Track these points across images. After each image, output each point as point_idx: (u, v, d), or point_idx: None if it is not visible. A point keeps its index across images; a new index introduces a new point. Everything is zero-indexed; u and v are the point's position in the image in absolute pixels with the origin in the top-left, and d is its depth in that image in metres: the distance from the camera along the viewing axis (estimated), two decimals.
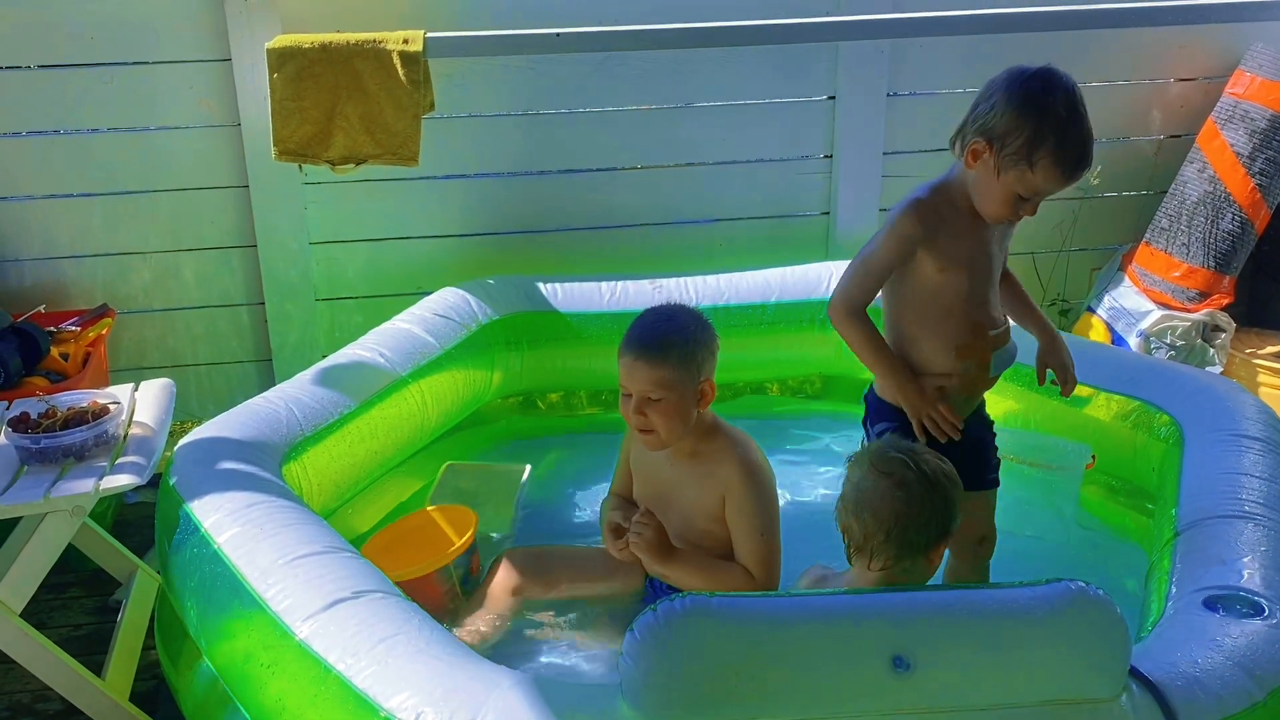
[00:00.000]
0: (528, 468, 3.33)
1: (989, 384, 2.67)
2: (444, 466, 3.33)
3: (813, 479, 3.41)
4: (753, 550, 2.63)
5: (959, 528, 2.35)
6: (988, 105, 2.49)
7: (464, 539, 2.81)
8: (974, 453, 2.63)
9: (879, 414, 2.65)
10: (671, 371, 2.59)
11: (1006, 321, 2.68)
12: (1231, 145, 4.02)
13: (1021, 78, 2.49)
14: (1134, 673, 1.95)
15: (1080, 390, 3.14)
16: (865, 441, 2.64)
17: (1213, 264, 4.07)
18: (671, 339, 2.62)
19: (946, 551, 2.38)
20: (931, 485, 2.25)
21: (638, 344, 2.63)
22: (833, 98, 4.07)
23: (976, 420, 2.71)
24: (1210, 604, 2.20)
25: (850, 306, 2.59)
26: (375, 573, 2.32)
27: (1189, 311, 4.07)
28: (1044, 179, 2.46)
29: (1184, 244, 4.10)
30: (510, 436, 3.77)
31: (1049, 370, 2.76)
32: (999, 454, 2.76)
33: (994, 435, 2.77)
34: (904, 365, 2.59)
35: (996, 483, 2.74)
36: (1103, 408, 3.13)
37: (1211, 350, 4.05)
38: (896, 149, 4.16)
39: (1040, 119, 2.44)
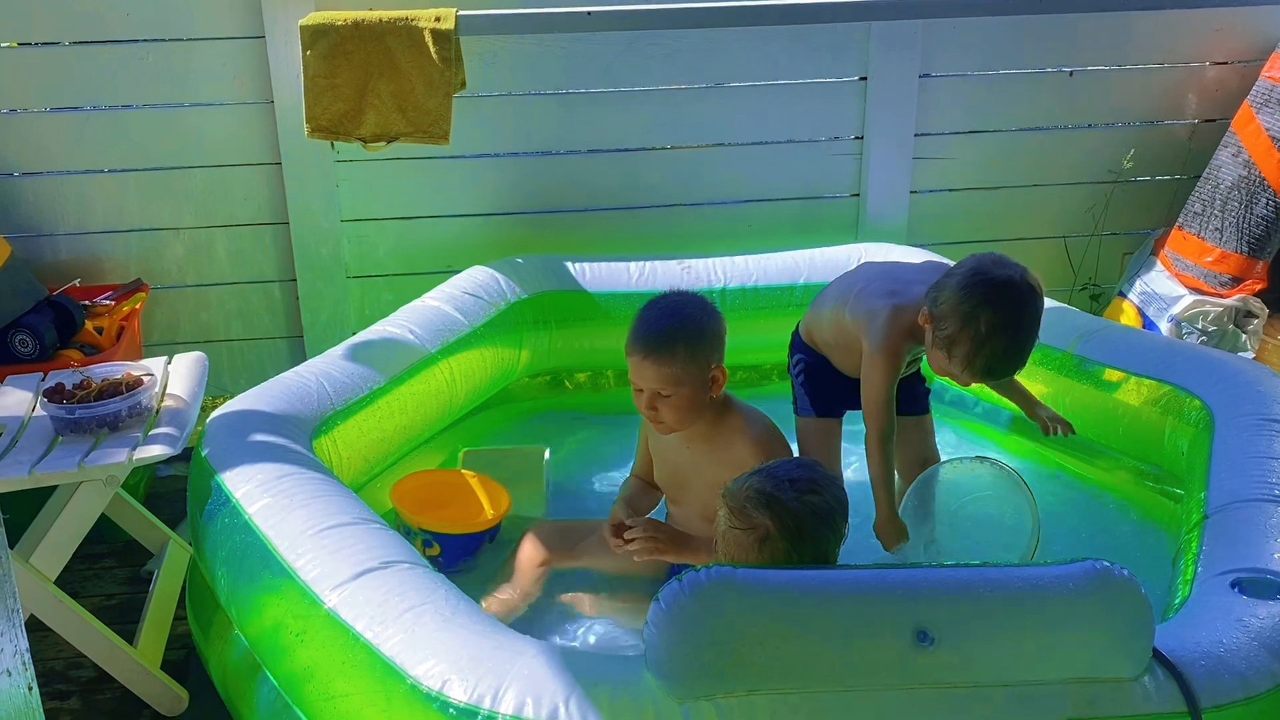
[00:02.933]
0: (546, 450, 3.33)
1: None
2: (461, 453, 3.32)
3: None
4: None
5: (903, 450, 2.77)
6: (946, 282, 2.62)
7: (499, 512, 2.90)
8: (904, 388, 2.87)
9: (798, 349, 3.04)
10: (680, 367, 2.59)
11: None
12: (1267, 129, 3.98)
13: (980, 275, 2.59)
14: (1157, 654, 1.95)
15: (1111, 374, 3.17)
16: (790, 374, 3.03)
17: (1246, 249, 4.04)
18: (677, 334, 2.60)
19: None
20: (798, 537, 2.12)
21: (643, 342, 2.61)
22: (864, 78, 4.06)
23: (914, 378, 2.99)
24: (1237, 586, 2.19)
25: (883, 434, 2.76)
26: (403, 544, 2.34)
27: (1221, 297, 4.04)
28: (958, 371, 2.63)
29: (1217, 229, 4.07)
30: (537, 415, 3.78)
31: (1045, 420, 2.91)
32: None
33: (920, 374, 3.04)
34: (894, 506, 2.79)
35: (926, 409, 3.05)
36: (1133, 392, 3.12)
37: (1243, 336, 4.02)
38: (928, 131, 4.14)
39: (966, 322, 2.56)
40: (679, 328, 2.61)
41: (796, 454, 2.80)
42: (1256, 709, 1.94)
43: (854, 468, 3.07)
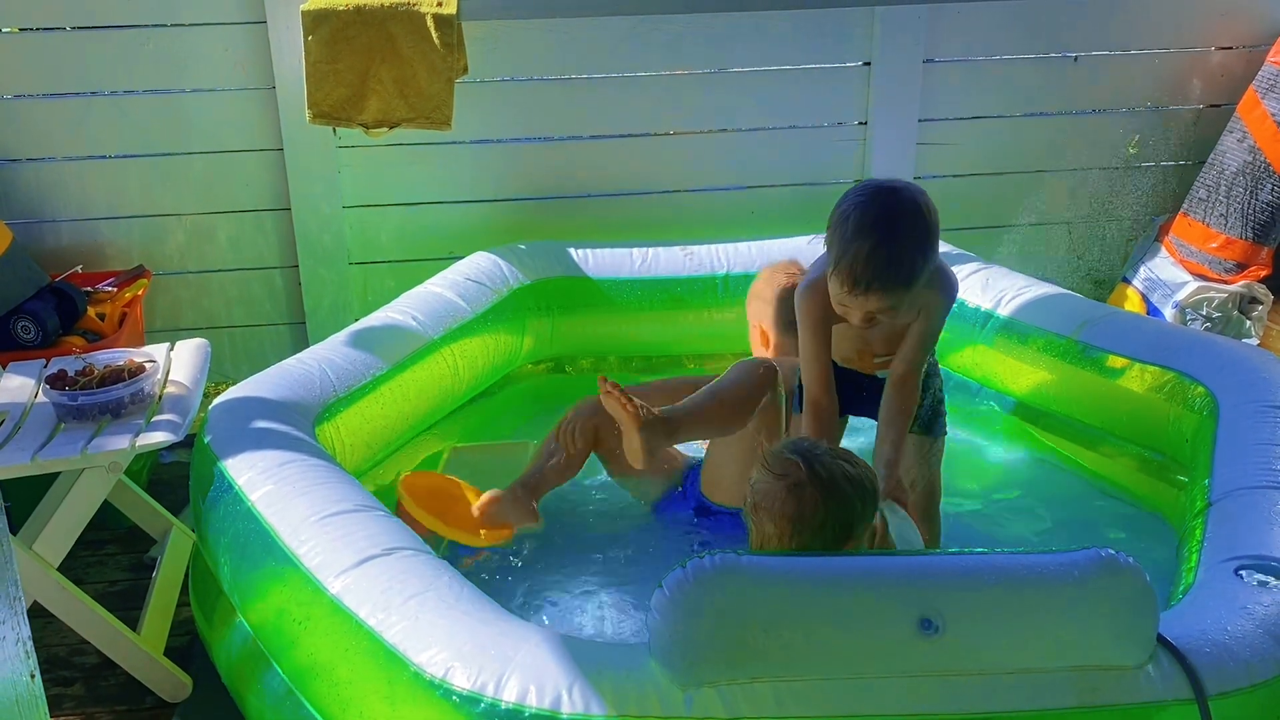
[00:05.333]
0: (530, 444, 3.33)
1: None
2: (447, 450, 3.31)
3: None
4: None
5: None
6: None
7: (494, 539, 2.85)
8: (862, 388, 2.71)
9: None
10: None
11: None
12: (1273, 115, 3.97)
13: (857, 189, 2.48)
14: (1161, 640, 1.94)
15: (1114, 361, 3.16)
16: None
17: (1251, 235, 4.02)
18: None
19: None
20: (827, 488, 2.13)
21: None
22: (868, 64, 4.04)
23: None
24: (1241, 573, 2.19)
25: (816, 405, 2.63)
26: (406, 530, 2.34)
27: (1226, 283, 4.03)
28: (835, 289, 2.46)
29: (1222, 214, 4.06)
30: (539, 401, 3.78)
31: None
32: None
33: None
34: None
35: (923, 429, 2.75)
36: (1137, 378, 3.11)
37: (1248, 322, 4.01)
38: (932, 116, 4.13)
39: (837, 224, 2.45)
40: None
41: None
42: (1261, 696, 1.94)
43: None
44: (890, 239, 2.38)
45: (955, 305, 3.46)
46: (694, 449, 3.05)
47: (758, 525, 2.20)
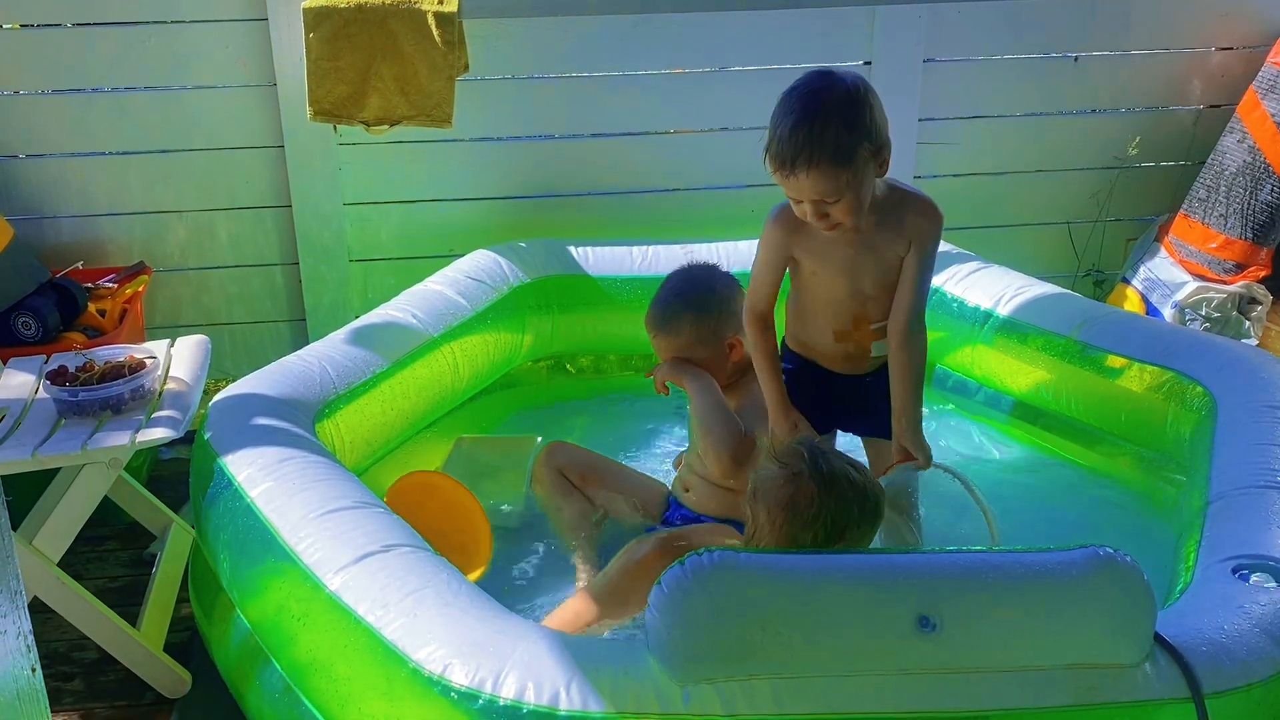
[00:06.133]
0: (539, 440, 3.34)
1: (875, 360, 2.73)
2: (455, 441, 3.32)
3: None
4: (703, 438, 2.80)
5: (874, 472, 2.50)
6: None
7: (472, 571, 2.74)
8: (883, 400, 2.67)
9: (784, 358, 2.82)
10: (680, 339, 2.87)
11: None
12: (1273, 115, 3.97)
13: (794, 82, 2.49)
14: (1159, 639, 1.95)
15: (1113, 360, 3.16)
16: None
17: (1250, 235, 4.03)
18: (684, 308, 2.87)
19: None
20: (826, 482, 2.16)
21: (651, 319, 2.89)
22: (868, 63, 4.04)
23: (880, 374, 2.72)
24: (1238, 572, 2.19)
25: (752, 312, 2.73)
26: (405, 527, 2.34)
27: (1225, 283, 4.03)
28: (773, 174, 2.49)
29: (1221, 215, 4.06)
30: (539, 400, 3.78)
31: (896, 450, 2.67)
32: None
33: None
34: (783, 391, 2.70)
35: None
36: (1136, 378, 3.11)
37: (1247, 322, 4.01)
38: (932, 116, 4.13)
39: (772, 117, 2.47)
40: (682, 305, 2.80)
41: None
42: (1258, 695, 1.95)
43: None
44: (813, 114, 2.40)
45: (954, 304, 3.50)
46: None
47: (754, 514, 2.22)
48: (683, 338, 2.84)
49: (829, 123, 2.40)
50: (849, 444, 2.90)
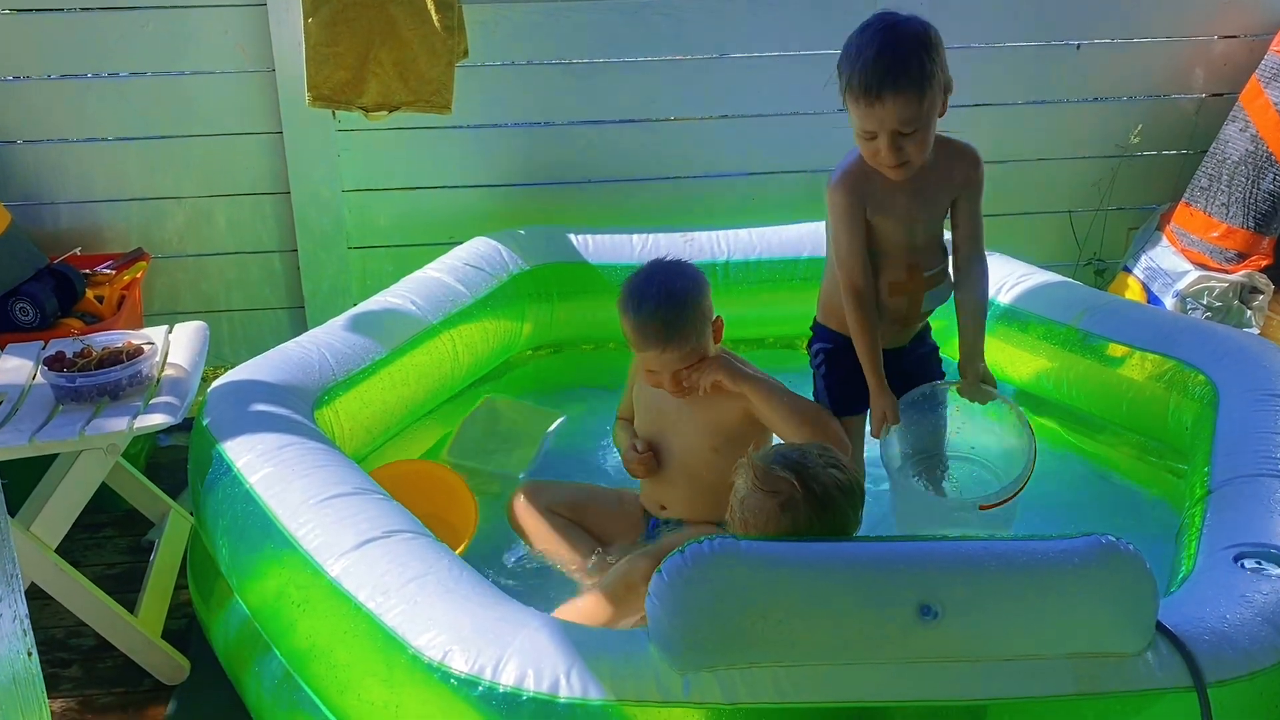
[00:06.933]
0: (562, 418, 3.36)
1: (923, 316, 2.82)
2: (482, 399, 3.38)
3: None
4: (799, 425, 2.63)
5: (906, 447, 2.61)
6: None
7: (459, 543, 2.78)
8: (920, 372, 2.85)
9: (817, 337, 2.91)
10: (696, 339, 2.64)
11: (944, 263, 2.79)
12: (1275, 104, 3.96)
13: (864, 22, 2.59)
14: (1160, 628, 1.94)
15: (1115, 349, 3.16)
16: (812, 368, 2.93)
17: (1252, 224, 4.02)
18: (683, 314, 2.62)
19: None
20: (822, 505, 2.10)
21: (657, 336, 2.61)
22: None
23: (919, 343, 2.88)
24: (1240, 560, 2.19)
25: (853, 290, 2.70)
26: (405, 513, 2.34)
27: (1227, 272, 4.02)
28: (852, 108, 2.57)
29: (1223, 204, 4.05)
30: (538, 387, 3.77)
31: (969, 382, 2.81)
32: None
33: (939, 361, 2.94)
34: (883, 373, 2.73)
35: None
36: (1137, 367, 3.11)
37: (1248, 312, 4.01)
38: None
39: (845, 52, 2.58)
40: (682, 307, 2.63)
41: None
42: (1260, 684, 1.94)
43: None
44: (894, 43, 2.51)
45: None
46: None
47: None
48: (690, 340, 2.63)
49: (911, 50, 2.51)
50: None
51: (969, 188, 2.72)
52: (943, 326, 2.99)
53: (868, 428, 2.83)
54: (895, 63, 2.49)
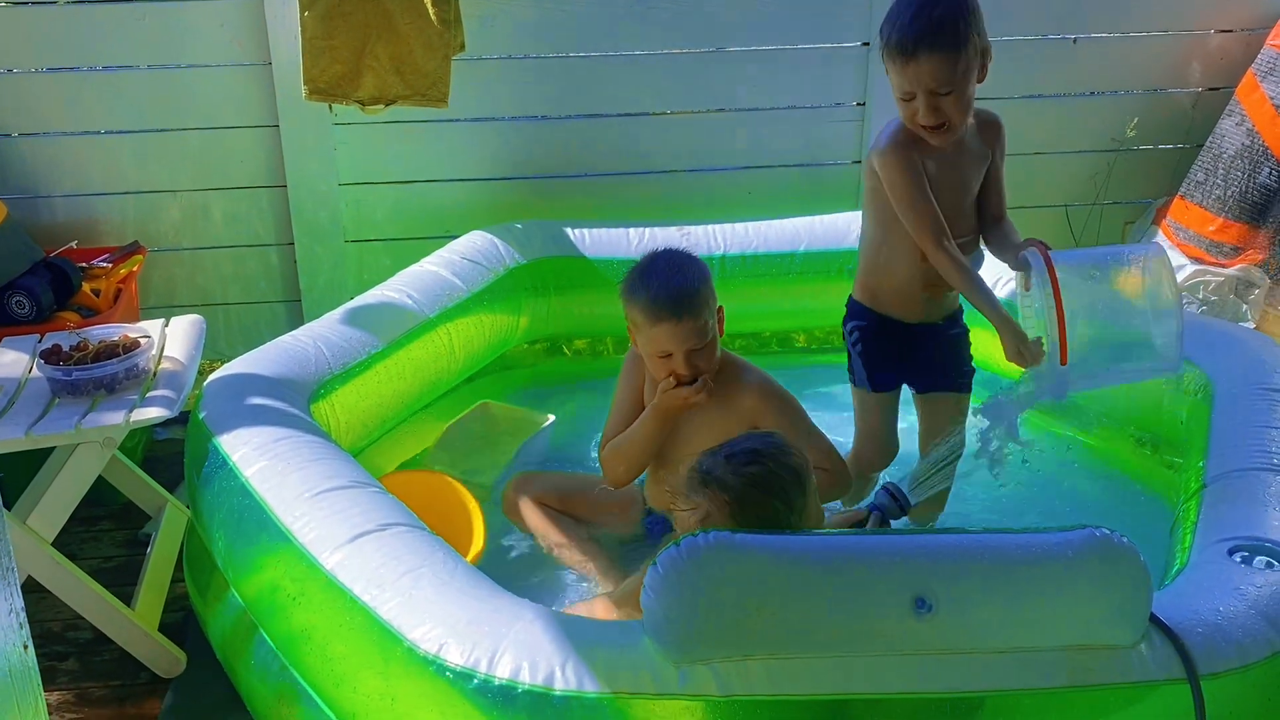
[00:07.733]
0: (551, 418, 3.36)
1: (952, 297, 2.83)
2: (478, 404, 3.40)
3: (836, 430, 3.40)
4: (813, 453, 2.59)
5: (925, 428, 2.72)
6: None
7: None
8: (951, 353, 2.87)
9: (852, 314, 2.91)
10: (709, 313, 2.64)
11: (976, 231, 2.80)
12: (1271, 98, 3.96)
13: None
14: (1154, 620, 1.95)
15: None
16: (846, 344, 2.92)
17: (1248, 219, 4.02)
18: (696, 284, 2.62)
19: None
20: (736, 508, 2.11)
21: (676, 305, 2.58)
22: (867, 44, 4.02)
23: (951, 323, 2.87)
24: (1234, 554, 2.20)
25: (939, 242, 2.65)
26: (400, 507, 2.34)
27: (1222, 266, 4.02)
28: (890, 69, 2.62)
29: (1219, 198, 4.05)
30: (535, 382, 3.78)
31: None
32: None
33: (968, 345, 2.92)
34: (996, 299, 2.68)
35: (967, 387, 2.92)
36: None
37: (1244, 306, 4.01)
38: None
39: (885, 23, 2.63)
40: (694, 278, 2.63)
41: None
42: (1253, 676, 1.95)
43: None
44: (931, 4, 2.56)
45: None
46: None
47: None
48: (704, 313, 2.60)
49: (947, 12, 2.56)
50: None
51: (1000, 150, 2.79)
52: None
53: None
54: (932, 23, 2.54)
